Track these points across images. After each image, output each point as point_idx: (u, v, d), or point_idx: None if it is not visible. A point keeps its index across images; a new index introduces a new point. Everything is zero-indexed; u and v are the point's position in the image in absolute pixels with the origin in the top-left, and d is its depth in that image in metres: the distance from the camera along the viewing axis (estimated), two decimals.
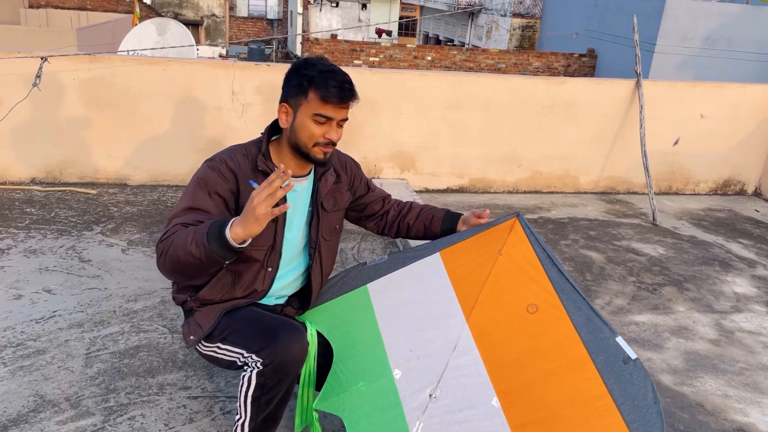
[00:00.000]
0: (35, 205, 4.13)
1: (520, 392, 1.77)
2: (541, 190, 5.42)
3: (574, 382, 1.74)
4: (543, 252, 1.97)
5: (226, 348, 1.91)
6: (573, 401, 1.71)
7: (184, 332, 1.98)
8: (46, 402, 2.31)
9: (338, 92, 1.83)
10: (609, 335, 1.77)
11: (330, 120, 1.86)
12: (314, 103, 1.84)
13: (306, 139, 1.87)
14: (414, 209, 2.27)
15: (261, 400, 1.83)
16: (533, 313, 1.89)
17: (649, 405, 1.64)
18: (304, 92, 1.85)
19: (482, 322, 1.92)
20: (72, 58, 4.31)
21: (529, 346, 1.84)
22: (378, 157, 4.99)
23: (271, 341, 1.80)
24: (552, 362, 1.79)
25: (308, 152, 1.89)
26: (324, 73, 1.84)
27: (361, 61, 15.35)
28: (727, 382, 2.84)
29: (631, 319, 3.35)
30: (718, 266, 4.14)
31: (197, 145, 4.64)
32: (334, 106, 1.84)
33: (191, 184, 1.88)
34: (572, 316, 1.83)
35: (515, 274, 1.97)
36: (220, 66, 4.61)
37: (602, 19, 15.36)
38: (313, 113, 1.84)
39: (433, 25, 25.97)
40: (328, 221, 2.09)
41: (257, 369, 1.81)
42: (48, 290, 3.09)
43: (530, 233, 2.01)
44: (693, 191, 5.78)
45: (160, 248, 1.77)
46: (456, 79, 4.98)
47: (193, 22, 25.07)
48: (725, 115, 5.55)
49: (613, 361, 1.72)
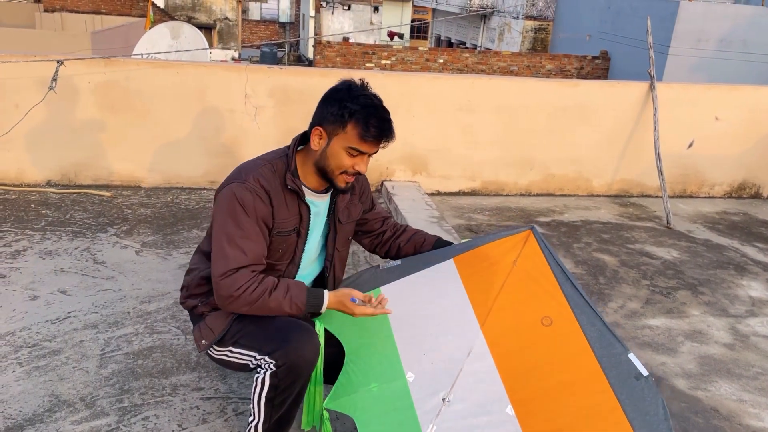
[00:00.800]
0: (51, 207, 4.18)
1: (534, 401, 1.77)
2: (553, 192, 5.40)
3: (588, 394, 1.74)
4: (557, 266, 1.99)
5: (237, 351, 1.93)
6: (586, 413, 1.72)
7: (195, 336, 2.00)
8: (62, 402, 2.33)
9: (378, 133, 1.83)
10: (621, 351, 1.79)
11: (363, 154, 1.87)
12: (352, 137, 1.83)
13: (334, 167, 1.88)
14: (408, 232, 2.29)
15: (275, 401, 1.85)
16: (548, 325, 1.90)
17: (660, 421, 1.65)
18: (343, 125, 1.84)
19: (497, 330, 1.92)
20: (87, 62, 4.36)
21: (543, 358, 1.85)
22: (390, 160, 4.99)
23: (284, 342, 1.81)
24: (566, 374, 1.80)
25: (333, 179, 1.90)
26: (367, 109, 1.83)
27: (372, 63, 15.38)
28: (742, 387, 2.81)
29: (645, 323, 3.32)
30: (733, 270, 4.10)
31: (210, 147, 4.67)
32: (370, 145, 1.85)
33: (231, 206, 1.84)
34: (586, 331, 1.84)
35: (530, 285, 1.98)
36: (232, 69, 4.64)
37: (615, 22, 15.28)
38: (348, 146, 1.84)
39: (445, 28, 25.97)
40: (343, 233, 2.12)
41: (270, 370, 1.82)
42: (63, 291, 3.13)
43: (544, 246, 2.03)
44: (707, 194, 5.73)
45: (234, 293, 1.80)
46: (468, 82, 4.98)
47: (206, 25, 25.24)
48: (740, 117, 5.50)
49: (625, 377, 1.74)
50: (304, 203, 1.94)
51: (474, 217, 4.69)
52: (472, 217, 4.70)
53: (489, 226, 4.51)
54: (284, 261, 1.98)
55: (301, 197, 1.93)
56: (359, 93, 1.85)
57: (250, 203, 1.83)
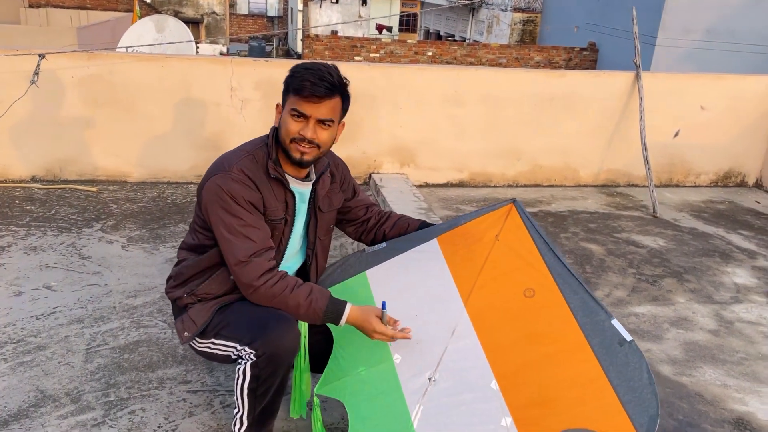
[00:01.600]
0: (35, 202, 4.14)
1: (518, 375, 1.78)
2: (541, 183, 5.41)
3: (571, 364, 1.75)
4: (539, 237, 1.99)
5: (219, 343, 1.92)
6: (570, 383, 1.73)
7: (178, 329, 1.99)
8: (47, 397, 2.32)
9: (310, 86, 1.79)
10: (605, 318, 1.79)
11: (306, 117, 1.83)
12: (292, 98, 1.84)
13: (284, 135, 1.87)
14: (392, 218, 2.28)
15: (257, 391, 1.85)
16: (530, 297, 1.90)
17: (644, 386, 1.66)
18: (287, 89, 1.86)
19: (480, 306, 1.93)
20: (70, 56, 4.32)
21: (526, 330, 1.86)
22: (378, 152, 4.99)
23: (262, 332, 1.81)
24: (549, 345, 1.81)
25: (287, 149, 1.87)
26: (306, 69, 1.83)
27: (361, 57, 15.33)
28: (726, 372, 2.84)
29: (631, 311, 3.35)
30: (719, 257, 4.14)
31: (197, 141, 4.65)
32: (308, 102, 1.81)
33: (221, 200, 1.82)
34: (568, 300, 1.85)
35: (512, 259, 1.99)
36: (218, 62, 4.61)
37: (603, 13, 15.30)
38: (290, 108, 1.84)
39: (434, 21, 25.92)
40: (324, 222, 2.11)
41: (251, 361, 1.82)
42: (48, 287, 3.11)
43: (526, 219, 2.04)
44: (694, 183, 5.76)
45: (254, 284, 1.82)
46: (454, 73, 4.97)
47: (193, 20, 25.05)
48: (726, 106, 5.53)
49: (608, 344, 1.74)
50: (290, 191, 1.94)
51: (462, 209, 4.69)
52: (460, 208, 4.71)
53: None
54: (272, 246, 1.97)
55: (286, 185, 1.93)
56: (308, 63, 1.86)
57: (239, 192, 1.82)
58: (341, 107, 1.90)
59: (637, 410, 1.62)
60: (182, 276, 2.00)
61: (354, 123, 4.79)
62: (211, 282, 1.95)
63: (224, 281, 1.95)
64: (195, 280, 1.98)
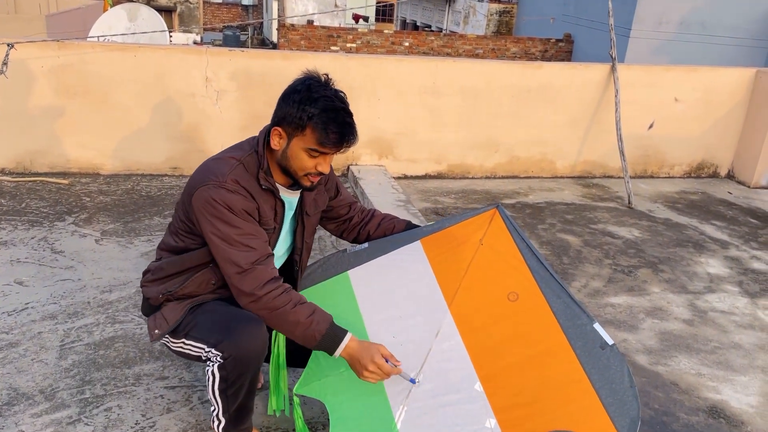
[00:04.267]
0: (5, 196, 4.04)
1: (502, 377, 1.79)
2: (518, 175, 5.44)
3: (554, 366, 1.77)
4: (522, 242, 2.01)
5: (190, 343, 1.90)
6: (553, 385, 1.74)
7: (149, 326, 1.96)
8: (20, 395, 2.27)
9: (338, 138, 1.76)
10: (587, 322, 1.81)
11: (324, 154, 1.81)
12: (311, 140, 1.77)
13: (297, 169, 1.82)
14: (376, 217, 2.25)
15: (227, 392, 1.84)
16: (514, 300, 1.92)
17: (625, 389, 1.68)
18: (302, 127, 1.77)
19: (464, 309, 1.94)
20: (40, 45, 4.21)
21: (510, 333, 1.87)
22: (356, 144, 4.95)
23: (228, 335, 1.78)
24: (532, 348, 1.82)
25: (297, 179, 1.85)
26: (326, 113, 1.75)
27: (338, 47, 15.23)
28: (701, 361, 2.89)
29: (607, 301, 3.39)
30: (692, 248, 4.20)
31: (171, 133, 4.57)
32: (330, 149, 1.79)
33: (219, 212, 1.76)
34: (551, 304, 1.87)
35: (496, 263, 2.00)
36: (192, 52, 4.53)
37: (578, 4, 15.40)
38: (308, 148, 1.78)
39: (411, 11, 25.85)
40: (310, 225, 2.09)
41: (219, 362, 1.81)
42: (20, 282, 3.04)
43: (510, 224, 2.05)
44: (668, 174, 5.85)
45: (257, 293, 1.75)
46: (433, 65, 4.96)
47: (166, 8, 24.61)
48: (699, 98, 5.61)
49: (590, 347, 1.76)
50: (280, 200, 1.91)
51: (440, 200, 4.70)
52: (438, 200, 4.71)
53: (455, 209, 4.53)
54: None
55: (276, 194, 1.89)
56: (320, 94, 1.75)
57: (236, 204, 1.77)
58: None
59: (618, 412, 1.65)
60: (162, 271, 1.94)
61: None
62: (192, 282, 1.90)
63: (205, 282, 1.91)
64: (175, 278, 1.92)
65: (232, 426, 1.92)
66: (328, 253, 3.64)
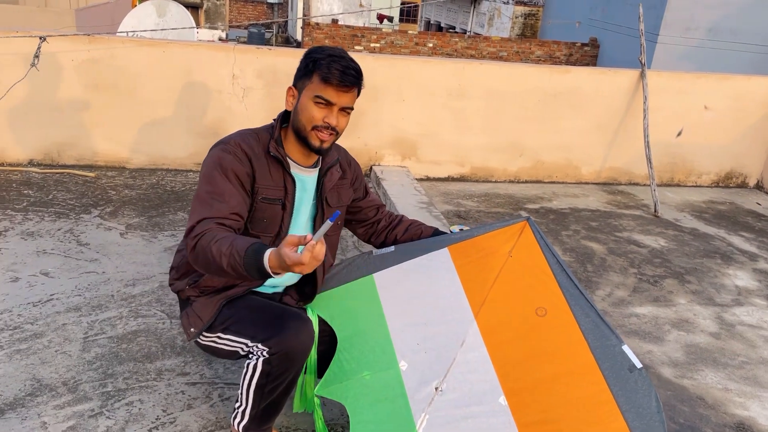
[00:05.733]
0: (33, 187, 4.09)
1: (527, 392, 1.77)
2: (542, 179, 5.38)
3: (581, 386, 1.74)
4: (552, 257, 1.98)
5: (227, 338, 1.89)
6: (579, 405, 1.72)
7: (183, 324, 1.96)
8: (44, 386, 2.29)
9: (340, 75, 1.81)
10: (616, 343, 1.78)
11: (331, 105, 1.84)
12: (316, 84, 1.83)
13: (305, 122, 1.86)
14: (404, 223, 2.27)
15: (265, 388, 1.82)
16: (542, 316, 1.89)
17: (652, 413, 1.66)
18: (309, 74, 1.85)
19: (490, 320, 1.91)
20: (71, 39, 4.25)
21: (537, 348, 1.84)
22: (379, 145, 4.95)
23: (280, 330, 1.78)
24: (559, 365, 1.79)
25: (306, 136, 1.87)
26: (331, 57, 1.83)
27: (361, 47, 15.24)
28: (728, 376, 2.83)
29: (632, 311, 3.33)
30: (720, 259, 4.13)
31: (197, 128, 4.59)
32: (335, 90, 1.82)
33: (208, 168, 1.84)
34: (580, 322, 1.84)
35: (524, 276, 1.97)
36: (220, 49, 4.55)
37: (605, 9, 15.24)
38: (314, 95, 1.83)
39: (435, 12, 25.78)
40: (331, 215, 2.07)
41: (263, 357, 1.79)
42: (45, 273, 3.07)
43: (540, 238, 2.03)
44: (695, 183, 5.75)
45: (190, 244, 1.72)
46: (459, 66, 4.93)
47: (193, 4, 24.79)
48: (729, 107, 5.51)
49: (618, 369, 1.74)
50: (290, 175, 1.92)
51: (463, 203, 4.67)
52: (460, 203, 4.68)
53: (478, 213, 4.49)
54: (269, 234, 1.93)
55: (286, 168, 1.91)
56: (327, 48, 1.86)
57: (227, 163, 1.82)
58: (357, 95, 1.93)
59: None
60: (183, 267, 1.99)
61: (356, 114, 4.73)
62: None
63: None
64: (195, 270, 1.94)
65: (256, 425, 1.91)
66: (349, 254, 3.63)
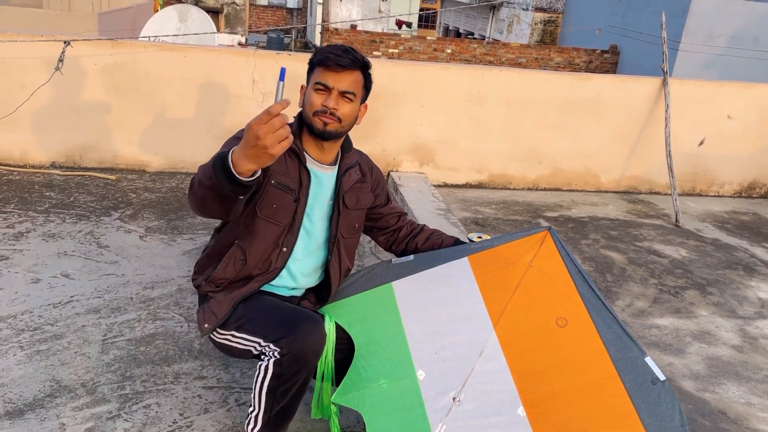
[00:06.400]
0: (54, 189, 4.14)
1: (547, 404, 1.74)
2: (561, 187, 5.34)
3: (602, 398, 1.71)
4: (574, 267, 1.96)
5: (240, 336, 1.90)
6: (600, 417, 1.69)
7: (198, 319, 2.00)
8: (63, 387, 2.30)
9: (335, 57, 1.87)
10: (638, 355, 1.75)
11: (329, 89, 1.89)
12: (317, 73, 1.91)
13: (308, 109, 1.92)
14: (425, 232, 2.28)
15: (277, 390, 1.81)
16: (563, 326, 1.87)
17: (675, 427, 1.63)
18: (312, 66, 1.94)
19: (510, 330, 1.89)
20: (94, 43, 4.30)
21: (557, 359, 1.82)
22: (397, 150, 4.94)
23: (290, 331, 1.78)
24: (580, 377, 1.77)
25: (310, 123, 1.92)
26: (329, 46, 1.92)
27: (380, 52, 15.28)
28: (751, 390, 2.78)
29: (653, 322, 3.28)
30: (742, 270, 4.06)
31: (216, 132, 4.62)
32: (332, 73, 1.88)
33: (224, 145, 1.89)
34: (602, 333, 1.81)
35: (545, 286, 1.95)
36: (240, 54, 4.58)
37: (626, 15, 15.14)
38: (314, 83, 1.90)
39: (454, 18, 25.78)
40: (348, 218, 2.08)
41: (275, 358, 1.79)
42: (66, 275, 3.09)
43: (561, 248, 2.01)
44: (717, 193, 5.67)
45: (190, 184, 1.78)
46: (478, 73, 4.91)
47: (213, 9, 25.05)
48: (752, 116, 5.43)
49: (641, 381, 1.71)
50: (305, 168, 1.95)
51: (481, 210, 4.64)
52: (478, 210, 4.65)
53: (496, 220, 4.46)
54: (280, 222, 1.94)
55: (302, 161, 1.95)
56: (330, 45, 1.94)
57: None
58: (363, 84, 1.95)
59: None
60: (201, 261, 2.07)
61: (374, 120, 4.74)
62: (226, 266, 1.95)
63: (235, 259, 1.95)
64: (211, 263, 2.02)
65: (268, 430, 1.90)
66: (366, 259, 3.63)
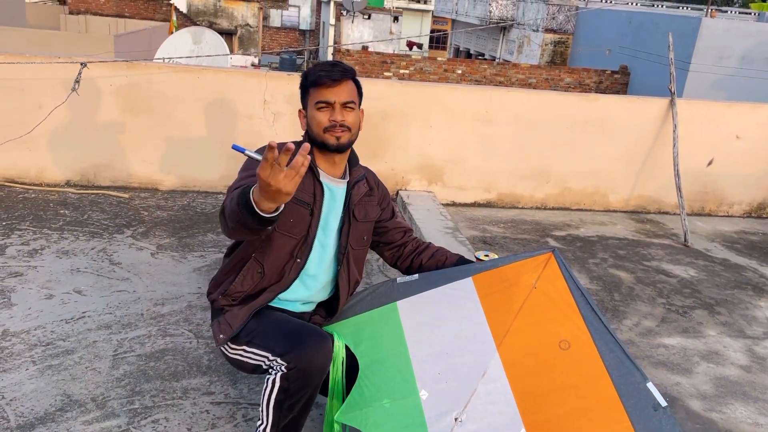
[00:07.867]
0: (69, 207, 4.22)
1: (548, 426, 1.75)
2: (569, 207, 5.36)
3: (604, 422, 1.72)
4: (577, 290, 1.97)
5: (251, 351, 1.94)
6: None
7: (214, 331, 2.04)
8: (73, 402, 2.34)
9: (325, 73, 1.95)
10: (640, 380, 1.76)
11: (331, 104, 1.96)
12: (313, 93, 1.98)
13: (317, 129, 1.98)
14: (430, 249, 2.32)
15: (284, 404, 1.84)
16: (565, 349, 1.88)
17: None
18: (306, 89, 2.01)
19: (513, 352, 1.91)
20: (110, 65, 4.41)
21: (559, 382, 1.83)
22: (406, 169, 4.99)
23: (296, 345, 1.82)
24: (582, 400, 1.78)
25: (323, 141, 1.99)
26: (315, 66, 1.99)
27: (391, 73, 15.42)
28: (758, 411, 2.76)
29: (660, 342, 3.28)
30: (751, 291, 4.04)
31: (228, 152, 4.69)
32: (327, 88, 1.95)
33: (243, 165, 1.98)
34: (604, 357, 1.83)
35: (548, 308, 1.97)
36: (252, 75, 4.67)
37: (636, 37, 15.21)
38: (315, 103, 1.97)
39: (464, 39, 26.00)
40: (357, 230, 2.13)
41: (281, 372, 1.82)
42: (78, 291, 3.15)
43: (565, 270, 2.02)
44: (726, 213, 5.66)
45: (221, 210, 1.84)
46: (486, 94, 4.97)
47: (227, 31, 25.47)
48: (762, 136, 5.43)
49: (643, 406, 1.71)
50: (319, 183, 2.01)
51: (489, 229, 4.67)
52: (486, 228, 4.68)
53: (504, 239, 4.48)
54: (296, 236, 1.99)
55: (316, 176, 2.01)
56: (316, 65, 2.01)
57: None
58: (357, 92, 2.04)
59: None
60: (218, 277, 2.11)
61: (383, 139, 4.80)
62: (242, 278, 2.00)
63: (253, 272, 2.00)
64: (228, 278, 2.06)
65: None
66: (373, 276, 3.65)
